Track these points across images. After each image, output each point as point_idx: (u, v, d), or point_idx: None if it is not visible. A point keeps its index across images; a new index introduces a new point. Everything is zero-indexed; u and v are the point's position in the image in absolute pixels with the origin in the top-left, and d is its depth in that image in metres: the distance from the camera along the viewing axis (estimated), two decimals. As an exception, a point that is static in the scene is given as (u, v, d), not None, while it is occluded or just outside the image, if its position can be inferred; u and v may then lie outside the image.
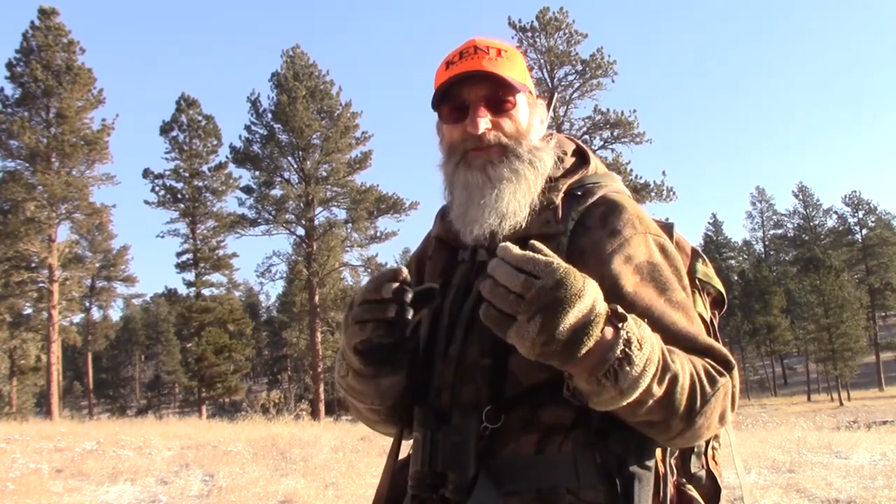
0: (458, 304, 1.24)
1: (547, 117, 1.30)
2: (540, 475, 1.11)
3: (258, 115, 36.59)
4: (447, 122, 1.25)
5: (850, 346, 49.30)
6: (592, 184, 1.26)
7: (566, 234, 1.19)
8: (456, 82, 1.21)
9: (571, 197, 1.23)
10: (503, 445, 1.12)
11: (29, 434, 9.77)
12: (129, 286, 46.29)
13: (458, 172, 1.23)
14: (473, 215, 1.20)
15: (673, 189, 33.46)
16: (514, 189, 1.19)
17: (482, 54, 1.22)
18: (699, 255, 1.36)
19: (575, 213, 1.21)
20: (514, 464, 1.12)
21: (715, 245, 70.93)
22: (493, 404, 1.13)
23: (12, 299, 31.03)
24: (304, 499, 6.30)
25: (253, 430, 10.90)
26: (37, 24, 31.33)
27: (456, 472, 1.09)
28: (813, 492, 6.00)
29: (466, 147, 1.22)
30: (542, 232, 1.19)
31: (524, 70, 1.27)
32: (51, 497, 6.40)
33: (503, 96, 1.22)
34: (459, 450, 1.10)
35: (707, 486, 1.28)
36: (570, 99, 36.14)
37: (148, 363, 78.54)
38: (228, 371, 37.56)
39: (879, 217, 63.73)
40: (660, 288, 1.14)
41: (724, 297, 1.37)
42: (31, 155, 29.70)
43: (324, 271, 36.23)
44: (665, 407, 1.02)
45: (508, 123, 1.22)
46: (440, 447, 1.11)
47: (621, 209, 1.20)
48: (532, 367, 1.11)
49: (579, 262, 1.12)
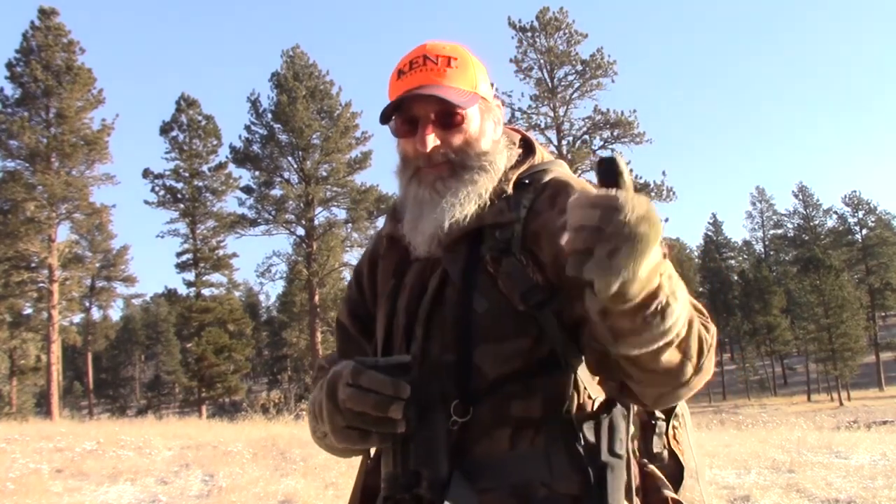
0: (414, 303, 1.24)
1: (501, 118, 1.33)
2: (514, 471, 1.12)
3: (258, 115, 36.63)
4: (399, 136, 1.27)
5: (850, 346, 49.29)
6: (540, 171, 1.28)
7: (519, 221, 1.20)
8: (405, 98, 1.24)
9: (520, 186, 1.25)
10: (475, 442, 1.13)
11: (29, 434, 9.76)
12: (129, 286, 46.25)
13: (411, 187, 1.26)
14: (423, 228, 1.22)
15: (673, 189, 33.55)
16: (465, 195, 1.22)
17: (431, 66, 1.23)
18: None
19: (526, 200, 1.22)
20: (487, 460, 1.12)
21: (715, 245, 70.90)
22: (461, 399, 1.13)
23: (12, 299, 31.04)
24: (304, 499, 6.30)
25: (253, 430, 10.89)
26: (37, 24, 31.34)
27: (429, 469, 1.09)
28: (813, 492, 6.00)
29: (418, 164, 1.25)
30: (497, 221, 1.21)
31: (475, 75, 1.27)
32: (51, 497, 6.40)
33: (451, 111, 1.23)
34: (431, 446, 1.10)
35: (670, 466, 1.30)
36: (570, 99, 36.17)
37: (148, 363, 78.54)
38: (228, 371, 37.57)
39: (879, 217, 63.72)
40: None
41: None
42: (31, 155, 29.70)
43: (324, 271, 36.25)
44: (685, 349, 1.02)
45: (458, 137, 1.24)
46: (411, 445, 1.11)
47: (568, 188, 1.21)
48: (497, 360, 1.14)
49: (535, 246, 1.16)
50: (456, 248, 1.22)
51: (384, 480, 1.15)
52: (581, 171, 33.32)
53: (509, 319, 1.14)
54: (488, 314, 1.15)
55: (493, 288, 1.16)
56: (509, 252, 1.18)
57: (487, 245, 1.20)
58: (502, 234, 1.19)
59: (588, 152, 34.87)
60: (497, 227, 1.21)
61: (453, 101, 1.21)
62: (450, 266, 1.21)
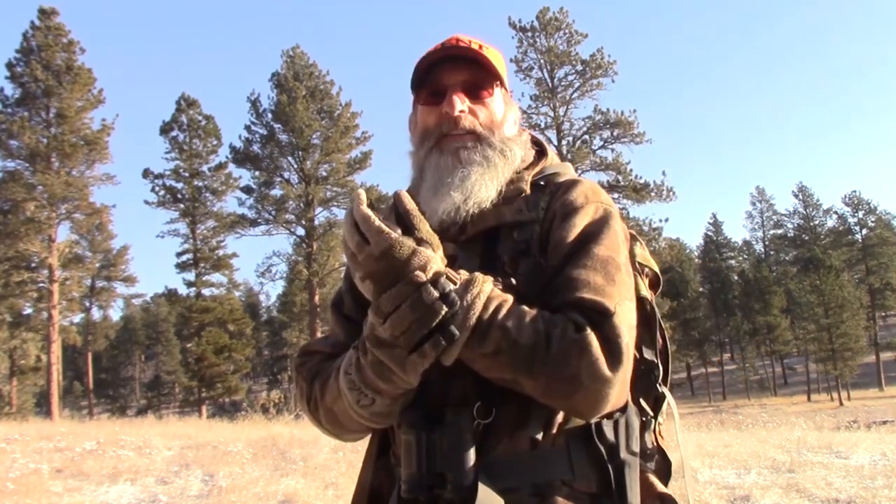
0: None
1: (519, 119, 1.35)
2: (535, 470, 1.12)
3: (258, 115, 36.61)
4: (424, 105, 1.27)
5: (850, 346, 49.28)
6: (553, 173, 1.30)
7: (538, 221, 1.21)
8: (437, 64, 1.24)
9: (536, 187, 1.26)
10: (497, 442, 1.12)
11: (29, 434, 9.75)
12: (129, 286, 46.23)
13: (431, 156, 1.25)
14: (441, 194, 1.21)
15: (673, 189, 33.48)
16: (482, 172, 1.22)
17: (462, 44, 1.25)
18: (636, 239, 1.37)
19: (542, 201, 1.23)
20: (509, 460, 1.12)
21: (715, 245, 70.86)
22: (483, 400, 1.12)
23: (12, 299, 31.01)
24: (304, 499, 6.30)
25: (253, 430, 10.88)
26: (37, 24, 31.31)
27: (454, 472, 1.08)
28: (813, 492, 5.99)
29: (441, 132, 1.24)
30: (516, 220, 1.21)
31: (503, 68, 1.29)
32: (51, 497, 6.40)
33: (481, 84, 1.25)
34: (457, 449, 1.09)
35: (658, 462, 1.31)
36: (570, 99, 36.13)
37: (148, 363, 78.54)
38: (228, 371, 37.56)
39: (879, 217, 63.70)
40: (590, 242, 1.16)
41: (660, 278, 1.39)
42: (31, 155, 29.68)
43: (324, 271, 36.23)
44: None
45: (484, 112, 1.26)
46: (437, 448, 1.10)
47: (576, 185, 1.24)
48: None
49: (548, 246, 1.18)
50: (471, 245, 1.22)
51: (404, 481, 1.11)
52: (581, 172, 33.33)
53: None
54: None
55: (510, 289, 1.14)
56: (529, 253, 1.18)
57: (506, 245, 1.20)
58: (521, 235, 1.20)
59: (588, 152, 34.85)
60: (516, 227, 1.21)
61: (490, 64, 1.24)
62: (465, 265, 1.17)
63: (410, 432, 1.12)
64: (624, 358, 1.04)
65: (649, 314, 1.28)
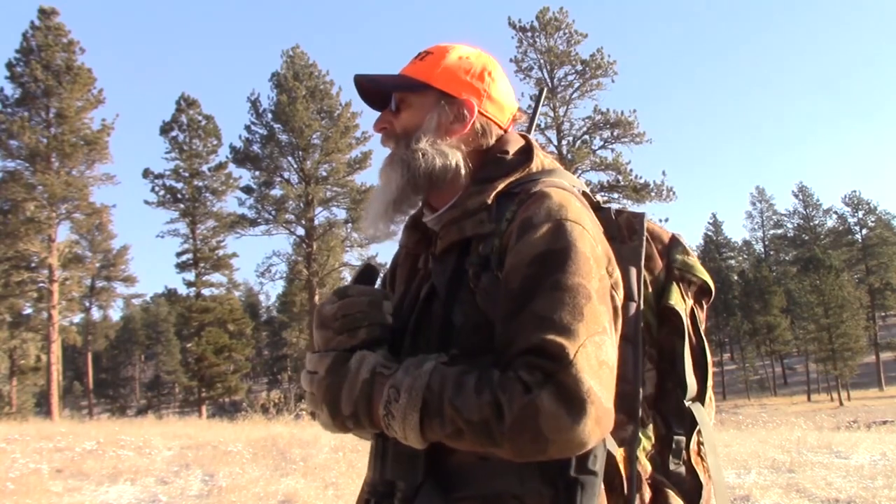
0: (406, 313, 1.24)
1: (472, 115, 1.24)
2: (485, 481, 1.10)
3: (258, 115, 36.60)
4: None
5: (850, 346, 49.31)
6: (531, 181, 1.21)
7: (498, 234, 1.14)
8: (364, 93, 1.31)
9: (510, 196, 1.19)
10: (450, 452, 1.10)
11: (29, 434, 9.75)
12: (129, 286, 46.25)
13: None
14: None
15: (673, 189, 33.50)
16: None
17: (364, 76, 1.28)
18: (678, 244, 1.29)
19: (510, 212, 1.15)
20: (461, 471, 1.10)
21: (715, 245, 70.94)
22: None
23: (12, 299, 31.00)
24: (304, 499, 6.30)
25: (253, 430, 10.88)
26: (37, 24, 31.30)
27: (404, 481, 1.09)
28: (813, 492, 6.00)
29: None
30: (476, 232, 1.17)
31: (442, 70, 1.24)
32: (51, 497, 6.40)
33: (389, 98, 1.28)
34: (405, 457, 1.10)
35: (687, 483, 1.23)
36: (570, 99, 36.15)
37: (148, 363, 78.55)
38: (228, 371, 37.56)
39: (879, 217, 63.74)
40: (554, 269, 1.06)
41: (711, 287, 1.30)
42: (31, 155, 29.67)
43: (324, 271, 36.23)
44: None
45: (398, 123, 1.27)
46: (389, 455, 1.12)
47: (542, 199, 1.14)
48: None
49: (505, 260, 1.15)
50: (445, 258, 1.21)
51: (366, 484, 1.17)
52: (581, 172, 33.35)
53: (483, 335, 1.10)
54: (464, 328, 1.13)
55: (472, 303, 1.13)
56: (488, 267, 1.14)
57: (472, 258, 1.17)
58: (484, 248, 1.16)
59: (588, 152, 34.87)
60: (477, 238, 1.17)
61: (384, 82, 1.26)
62: (437, 278, 1.20)
63: (372, 437, 1.19)
64: (587, 404, 0.97)
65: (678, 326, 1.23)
